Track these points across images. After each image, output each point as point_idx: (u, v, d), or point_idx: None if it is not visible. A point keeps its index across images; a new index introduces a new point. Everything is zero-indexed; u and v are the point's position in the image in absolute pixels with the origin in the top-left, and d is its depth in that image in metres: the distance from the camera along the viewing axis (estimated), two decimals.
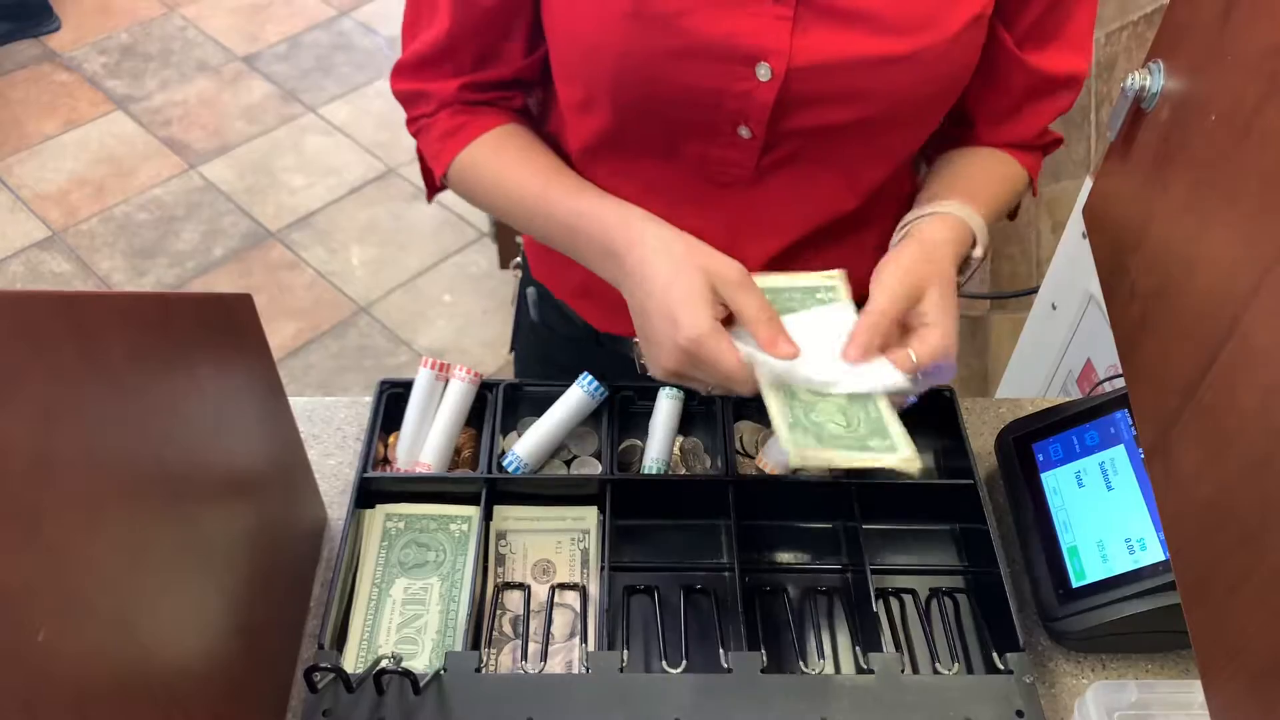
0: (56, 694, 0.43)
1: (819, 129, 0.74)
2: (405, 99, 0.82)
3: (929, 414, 0.88)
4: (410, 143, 0.86)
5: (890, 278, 0.67)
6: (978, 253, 0.74)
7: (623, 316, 0.90)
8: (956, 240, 0.72)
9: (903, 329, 0.67)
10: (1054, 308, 1.33)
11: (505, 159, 0.79)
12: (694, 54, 0.69)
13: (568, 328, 0.95)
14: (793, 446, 0.61)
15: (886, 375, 0.64)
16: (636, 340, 0.72)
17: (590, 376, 0.82)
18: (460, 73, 0.79)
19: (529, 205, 0.77)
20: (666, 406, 0.84)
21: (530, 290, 0.99)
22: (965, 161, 0.83)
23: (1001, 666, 0.69)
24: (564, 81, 0.77)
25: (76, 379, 0.48)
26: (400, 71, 0.81)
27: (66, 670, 0.44)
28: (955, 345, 0.66)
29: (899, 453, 0.62)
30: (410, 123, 0.83)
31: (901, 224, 0.76)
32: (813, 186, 0.80)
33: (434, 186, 0.86)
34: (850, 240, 0.86)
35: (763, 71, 0.69)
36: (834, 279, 0.71)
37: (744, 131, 0.74)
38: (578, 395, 0.81)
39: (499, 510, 0.79)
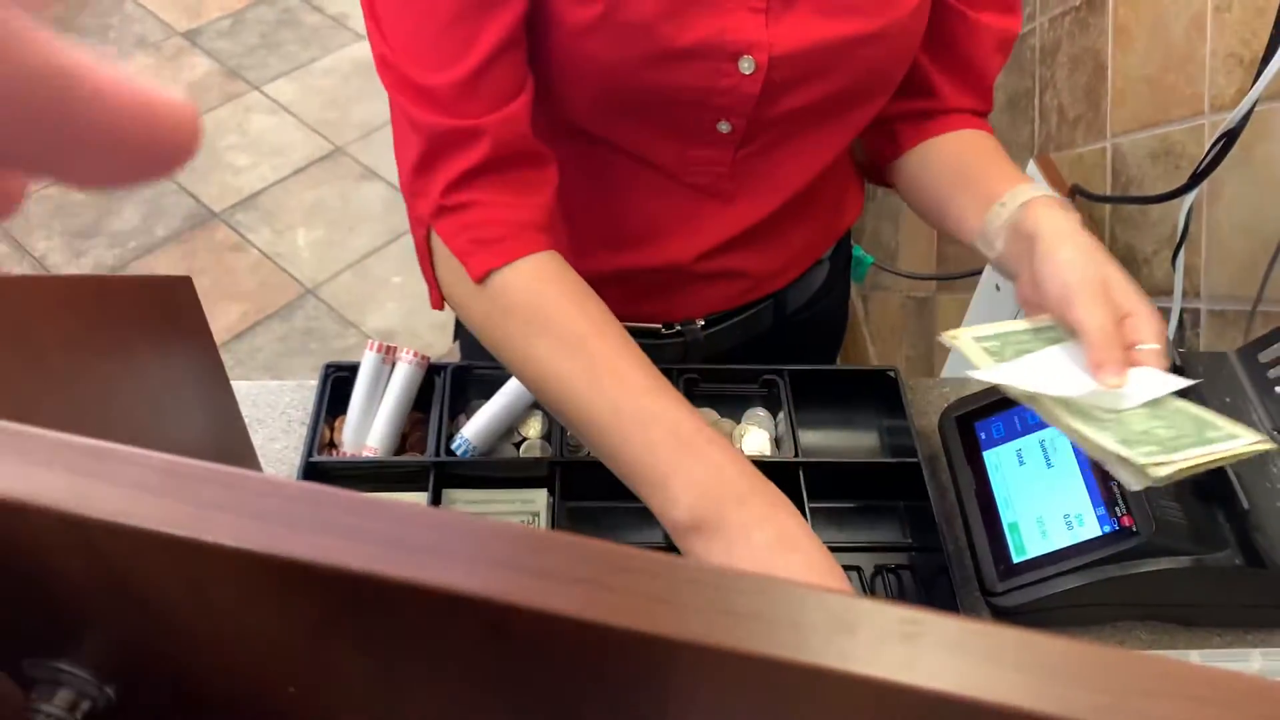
0: None
1: (796, 111, 0.75)
2: (446, 141, 0.66)
3: (874, 393, 0.89)
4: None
5: (1080, 295, 0.63)
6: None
7: None
8: (1070, 214, 0.69)
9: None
10: (998, 289, 1.35)
11: (590, 311, 0.64)
12: (674, 57, 0.69)
13: None
14: (1145, 459, 0.57)
15: (1162, 379, 0.61)
16: None
17: None
18: (513, 95, 0.67)
19: (587, 377, 0.62)
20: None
21: None
22: (976, 152, 0.82)
23: None
24: (542, 91, 0.72)
25: (6, 367, 0.46)
26: (431, 103, 0.65)
27: None
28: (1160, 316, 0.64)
29: (1246, 436, 0.59)
30: (441, 194, 0.67)
31: (993, 217, 0.72)
32: (779, 170, 0.81)
33: (437, 289, 0.71)
34: (807, 212, 0.87)
35: (746, 65, 0.69)
36: (1046, 319, 0.67)
37: (724, 126, 0.74)
38: None
39: (448, 493, 0.78)
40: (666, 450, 0.60)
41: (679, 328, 0.92)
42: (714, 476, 0.59)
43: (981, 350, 0.65)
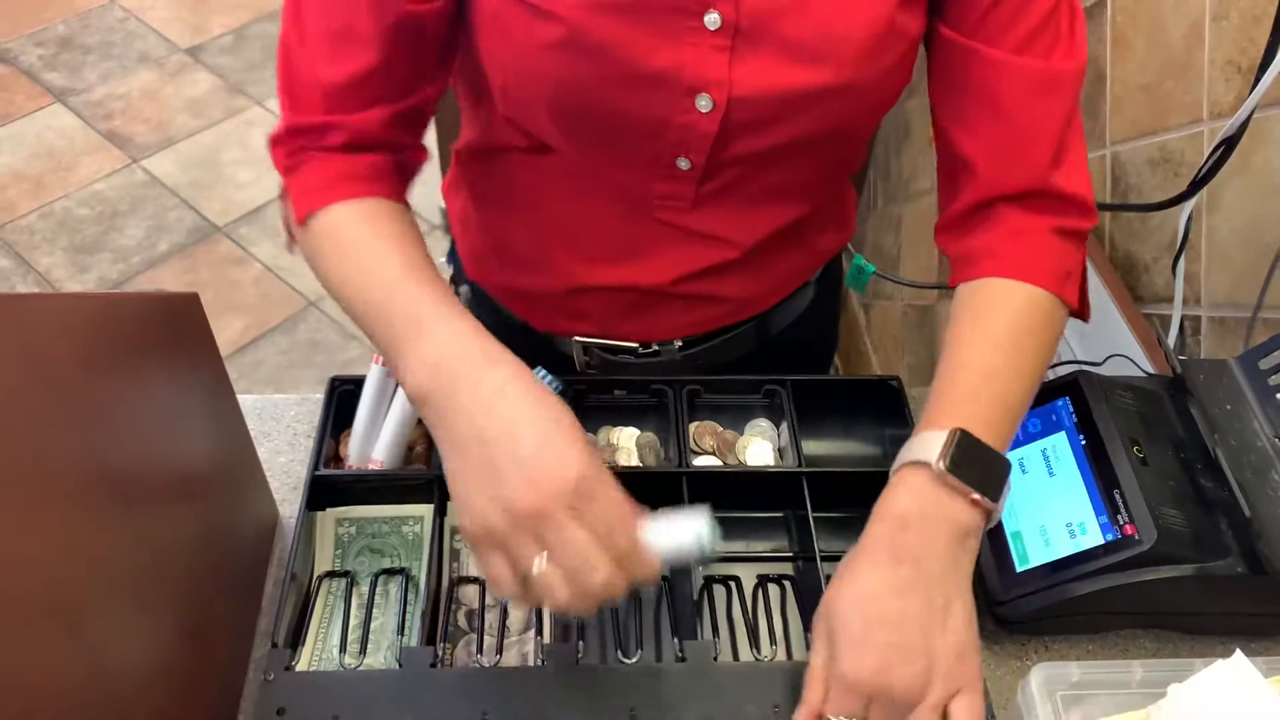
0: (3, 700, 0.43)
1: (759, 154, 0.74)
2: (301, 133, 0.70)
3: (877, 402, 0.89)
4: None
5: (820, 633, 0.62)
6: (942, 467, 0.62)
7: (558, 316, 0.91)
8: (922, 514, 0.62)
9: None
10: None
11: (379, 229, 0.68)
12: (632, 84, 0.68)
13: (503, 328, 0.94)
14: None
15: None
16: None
17: (544, 370, 0.82)
18: (392, 100, 0.70)
19: (377, 282, 0.65)
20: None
21: (464, 289, 0.98)
22: (949, 346, 0.72)
23: None
24: (499, 98, 0.74)
25: (18, 383, 0.47)
26: (300, 107, 0.70)
27: (11, 675, 0.44)
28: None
29: None
30: (291, 153, 0.71)
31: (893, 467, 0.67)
32: (749, 208, 0.80)
33: (291, 236, 0.74)
34: (789, 241, 0.87)
35: (703, 103, 0.69)
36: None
37: (683, 163, 0.74)
38: None
39: (452, 505, 0.78)
40: (407, 327, 0.62)
41: (656, 347, 0.92)
42: (447, 346, 0.60)
43: None
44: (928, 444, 0.63)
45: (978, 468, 0.63)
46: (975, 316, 0.72)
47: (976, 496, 0.62)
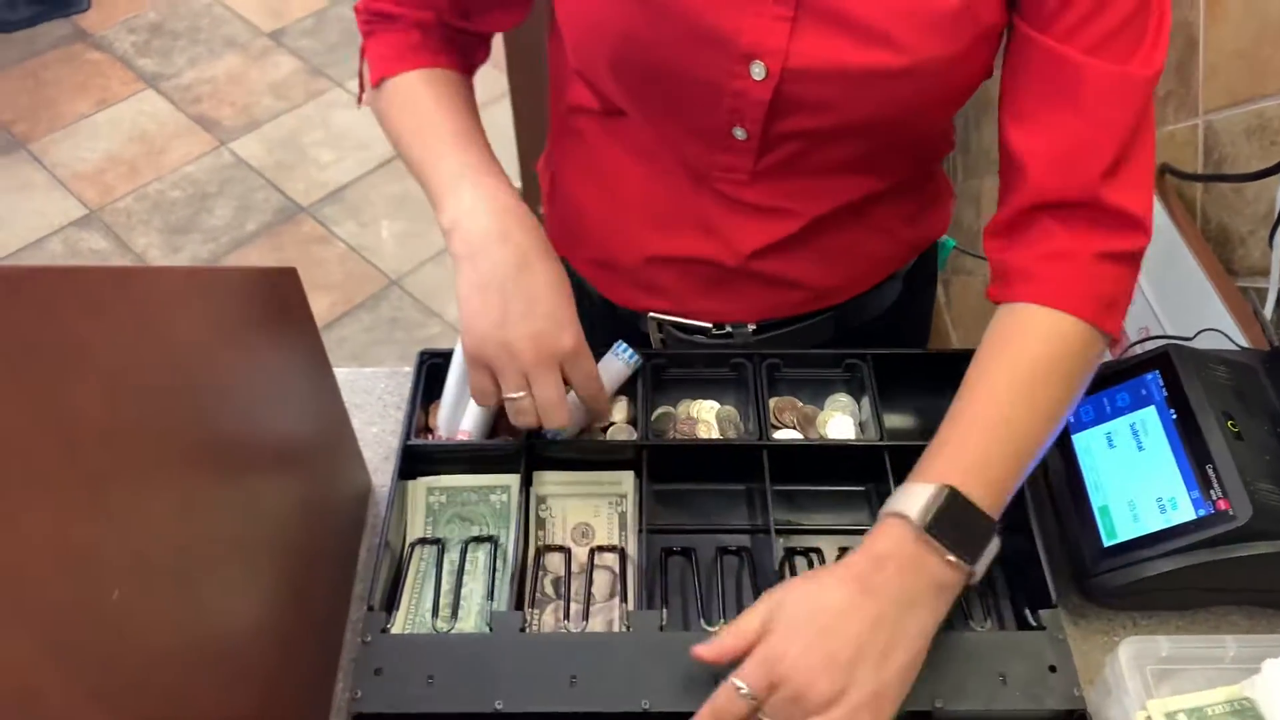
0: (129, 651, 0.46)
1: (816, 131, 0.73)
2: (375, 15, 0.82)
3: (958, 378, 0.88)
4: None
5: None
6: (923, 525, 0.62)
7: (639, 292, 0.92)
8: (899, 563, 0.62)
9: None
10: None
11: (440, 94, 0.79)
12: (690, 43, 0.69)
13: (584, 301, 0.95)
14: None
15: None
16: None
17: (625, 344, 0.83)
18: (441, 13, 0.81)
19: (431, 140, 0.77)
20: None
21: None
22: (967, 383, 0.70)
23: (1034, 623, 0.70)
24: (570, 52, 0.78)
25: (136, 352, 0.50)
26: None
27: (137, 628, 0.47)
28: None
29: None
30: (367, 21, 0.83)
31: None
32: (815, 185, 0.80)
33: (363, 90, 0.86)
34: (869, 226, 0.86)
35: (757, 70, 0.69)
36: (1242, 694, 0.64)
37: (739, 133, 0.74)
38: (613, 363, 0.83)
39: (538, 476, 0.80)
40: (447, 182, 0.75)
41: (729, 329, 0.92)
42: (481, 201, 0.73)
43: None
44: (913, 497, 0.63)
45: (959, 529, 0.62)
46: (999, 350, 0.70)
47: (952, 559, 0.62)
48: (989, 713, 0.65)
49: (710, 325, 0.92)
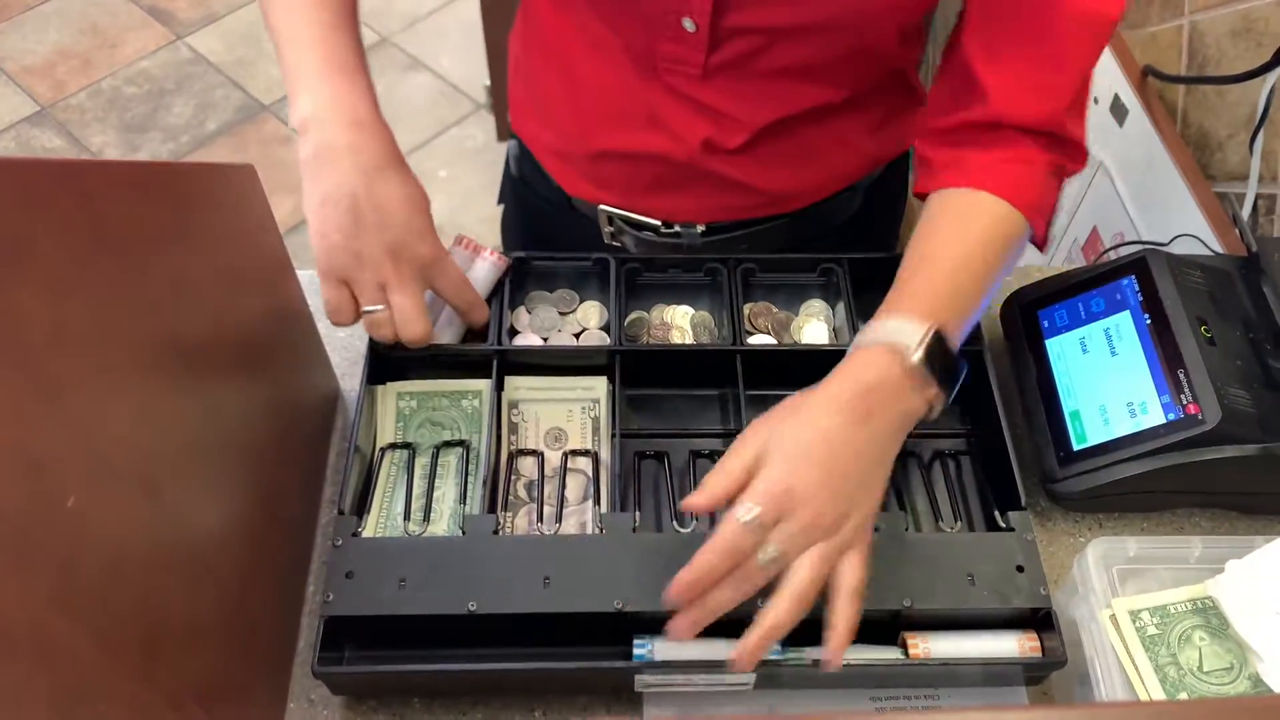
0: (91, 555, 0.45)
1: (769, 29, 0.72)
2: None
3: None
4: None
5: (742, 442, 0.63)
6: (915, 359, 0.63)
7: (592, 185, 0.91)
8: (884, 392, 0.63)
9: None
10: None
11: None
12: None
13: (543, 187, 0.96)
14: None
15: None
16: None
17: (470, 241, 0.84)
18: None
19: (298, 28, 0.73)
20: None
21: (512, 143, 1.00)
22: (925, 236, 0.72)
23: (1003, 524, 0.71)
24: None
25: (85, 250, 0.47)
26: None
27: (99, 533, 0.46)
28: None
29: None
30: None
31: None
32: (770, 85, 0.78)
33: None
34: (826, 134, 0.84)
35: None
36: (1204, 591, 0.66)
37: (688, 24, 0.73)
38: (479, 266, 0.82)
39: (510, 380, 0.79)
40: (309, 73, 0.72)
41: (678, 228, 0.91)
42: (336, 108, 0.71)
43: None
44: (904, 333, 0.64)
45: (943, 366, 0.64)
46: (962, 217, 0.72)
47: (937, 391, 0.64)
48: (957, 611, 0.66)
49: (659, 223, 0.91)
